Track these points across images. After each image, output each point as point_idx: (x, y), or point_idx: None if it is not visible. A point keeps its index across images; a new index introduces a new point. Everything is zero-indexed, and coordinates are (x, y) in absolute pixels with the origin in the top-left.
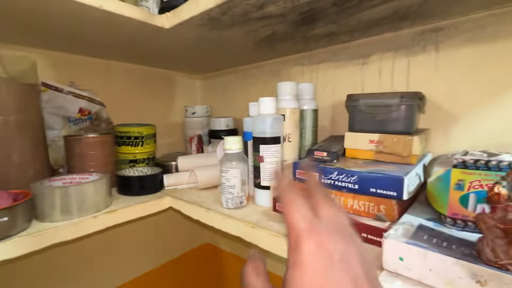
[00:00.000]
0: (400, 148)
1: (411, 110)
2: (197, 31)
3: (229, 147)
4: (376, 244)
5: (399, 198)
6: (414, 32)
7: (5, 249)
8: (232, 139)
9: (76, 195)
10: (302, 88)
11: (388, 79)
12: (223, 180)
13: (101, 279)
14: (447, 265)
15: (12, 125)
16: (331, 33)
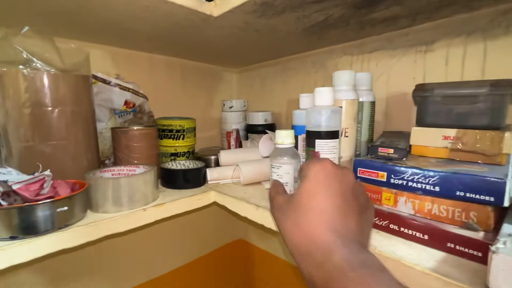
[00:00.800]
0: (487, 146)
1: (503, 101)
2: (246, 19)
3: (282, 141)
4: (467, 256)
5: (498, 205)
6: (496, 11)
7: (65, 238)
8: (284, 132)
9: (127, 186)
10: (359, 78)
11: (457, 68)
12: (274, 176)
13: (137, 271)
14: None
15: (68, 116)
16: (392, 16)
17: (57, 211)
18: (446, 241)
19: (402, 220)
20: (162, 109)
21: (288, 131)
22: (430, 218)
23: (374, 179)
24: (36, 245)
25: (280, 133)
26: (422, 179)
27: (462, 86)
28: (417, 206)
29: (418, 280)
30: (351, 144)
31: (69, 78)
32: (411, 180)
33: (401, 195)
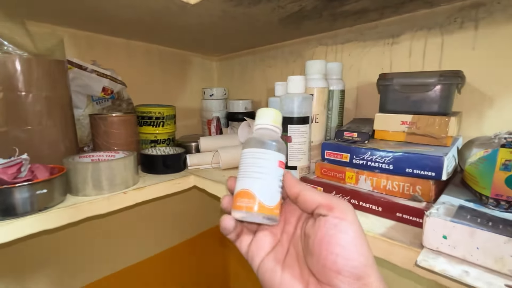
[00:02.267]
0: (435, 129)
1: (449, 90)
2: (223, 7)
3: (273, 120)
4: (412, 223)
5: (438, 179)
6: (452, 8)
7: (46, 220)
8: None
9: (107, 170)
10: (330, 68)
11: (419, 60)
12: (251, 170)
13: (119, 255)
14: (497, 243)
15: (43, 101)
16: (362, 9)
17: (37, 193)
18: (395, 212)
19: (361, 196)
20: (141, 97)
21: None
22: (385, 193)
23: (339, 160)
24: (17, 226)
25: (269, 112)
26: (379, 159)
27: (416, 76)
28: (375, 183)
29: (371, 243)
30: (321, 129)
31: (43, 63)
32: (370, 160)
33: (362, 174)
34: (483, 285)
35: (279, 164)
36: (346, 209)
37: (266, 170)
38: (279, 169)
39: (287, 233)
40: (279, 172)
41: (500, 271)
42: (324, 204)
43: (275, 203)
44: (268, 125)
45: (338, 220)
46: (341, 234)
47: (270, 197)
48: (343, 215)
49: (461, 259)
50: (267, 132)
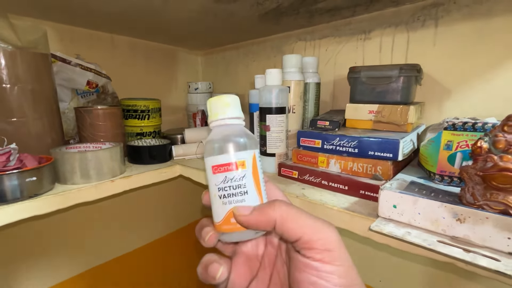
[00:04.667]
0: (397, 117)
1: (409, 82)
2: (202, 3)
3: (231, 114)
4: (373, 199)
5: (395, 159)
6: (415, 7)
7: (35, 206)
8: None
9: (94, 160)
10: (306, 62)
11: (388, 55)
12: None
13: (108, 246)
14: (433, 208)
15: (28, 94)
16: (335, 7)
17: (26, 181)
18: (359, 189)
19: (331, 177)
20: (126, 91)
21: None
22: (351, 174)
23: (312, 146)
24: (7, 212)
25: (209, 105)
26: (346, 144)
27: (380, 69)
28: (343, 165)
29: (335, 216)
30: (298, 119)
31: (27, 55)
32: (339, 145)
33: (332, 158)
34: (420, 241)
35: (212, 170)
36: (328, 244)
37: (208, 182)
38: (214, 176)
39: (269, 255)
40: (215, 180)
41: (435, 231)
42: (303, 239)
43: (219, 217)
44: (212, 122)
45: (320, 264)
46: (324, 284)
47: (214, 212)
48: (326, 255)
49: (407, 223)
50: (215, 132)
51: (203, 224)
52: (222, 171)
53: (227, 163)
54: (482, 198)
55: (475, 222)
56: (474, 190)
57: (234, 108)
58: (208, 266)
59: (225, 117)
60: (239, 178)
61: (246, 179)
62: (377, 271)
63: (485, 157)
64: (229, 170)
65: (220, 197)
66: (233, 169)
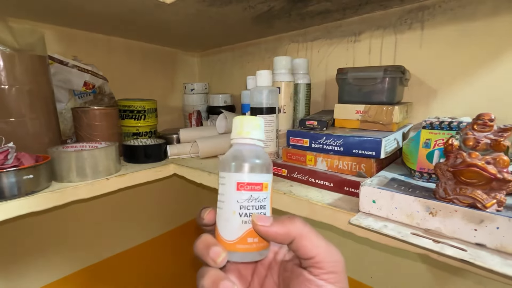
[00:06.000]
0: (383, 117)
1: (394, 83)
2: (197, 6)
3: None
4: (356, 195)
5: (377, 157)
6: (402, 11)
7: (32, 203)
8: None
9: (90, 159)
10: (296, 63)
11: (377, 56)
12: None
13: (105, 244)
14: (408, 203)
15: (26, 95)
16: (325, 10)
17: (23, 178)
18: (344, 186)
19: (317, 174)
20: (123, 92)
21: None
22: (337, 171)
23: (301, 145)
24: (5, 208)
25: (237, 122)
26: (332, 143)
27: (366, 70)
28: (329, 163)
29: (319, 211)
30: (288, 119)
31: (25, 58)
32: (325, 144)
33: (319, 156)
34: (395, 234)
35: (237, 186)
36: (335, 267)
37: (224, 198)
38: (238, 193)
39: (258, 274)
40: (238, 197)
41: (410, 224)
42: (317, 258)
43: (235, 236)
44: (236, 138)
45: (324, 283)
46: None
47: (227, 229)
48: (332, 276)
49: (385, 217)
50: (237, 148)
51: (210, 243)
52: (248, 190)
53: (255, 183)
54: (452, 193)
55: (445, 215)
56: (446, 186)
57: (262, 131)
58: (218, 284)
59: (255, 138)
60: (262, 199)
61: (267, 201)
62: (369, 268)
63: (456, 153)
64: (256, 190)
65: (240, 215)
66: (260, 189)
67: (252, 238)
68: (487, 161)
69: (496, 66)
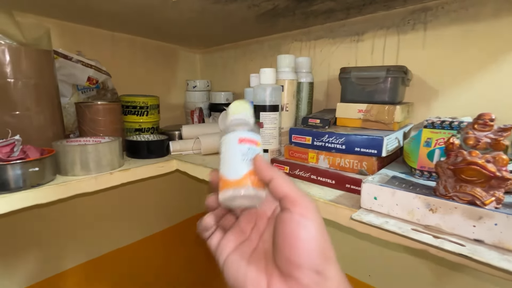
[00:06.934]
0: (384, 116)
1: (396, 82)
2: (202, 4)
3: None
4: (358, 193)
5: (379, 155)
6: (405, 11)
7: (38, 195)
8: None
9: (94, 153)
10: (299, 62)
11: (380, 56)
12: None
13: (106, 239)
14: (409, 199)
15: (31, 88)
16: (329, 9)
17: (29, 171)
18: (345, 183)
19: (319, 172)
20: (126, 87)
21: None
22: (339, 169)
23: (303, 142)
24: (11, 200)
25: (232, 109)
26: (335, 141)
27: (369, 70)
28: (331, 161)
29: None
30: (291, 117)
31: (31, 52)
32: (328, 142)
33: (321, 154)
34: (396, 229)
35: (239, 140)
36: (309, 206)
37: (226, 149)
38: (240, 145)
39: (258, 229)
40: (240, 147)
41: (411, 220)
42: (289, 197)
43: (240, 174)
44: (233, 119)
45: (301, 218)
46: (303, 232)
47: (233, 170)
48: (306, 212)
49: (386, 214)
50: (235, 123)
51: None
52: (247, 143)
53: (252, 139)
54: (452, 190)
55: (445, 212)
56: (446, 183)
57: (250, 111)
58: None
59: (246, 116)
60: (258, 151)
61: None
62: (367, 265)
63: (456, 152)
64: (253, 144)
65: (243, 160)
66: (256, 145)
67: (254, 176)
68: (487, 159)
69: (498, 68)
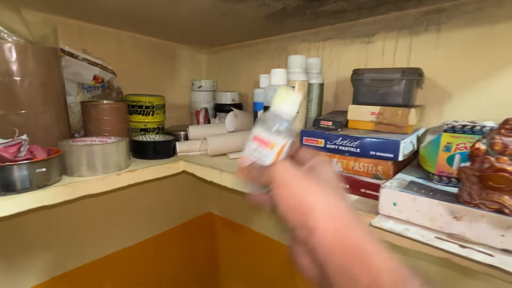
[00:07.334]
0: (398, 119)
1: (411, 85)
2: (211, 2)
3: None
4: (373, 197)
5: (395, 159)
6: (418, 12)
7: (45, 196)
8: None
9: (101, 153)
10: (310, 63)
11: (391, 58)
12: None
13: (109, 240)
14: (431, 206)
15: (38, 87)
16: (341, 10)
17: (36, 171)
18: (360, 188)
19: None
20: (131, 87)
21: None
22: (353, 173)
23: (315, 145)
24: (17, 201)
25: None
26: (348, 144)
27: (383, 71)
28: (344, 165)
29: None
30: (301, 119)
31: (38, 50)
32: (341, 144)
33: (334, 157)
34: (419, 237)
35: (253, 137)
36: (273, 179)
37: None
38: (251, 142)
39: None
40: (250, 144)
41: (433, 228)
42: (271, 181)
43: (239, 166)
44: (270, 113)
45: (274, 191)
46: (276, 200)
47: (240, 160)
48: (274, 186)
49: (406, 220)
50: (266, 113)
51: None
52: (257, 143)
53: (265, 141)
54: (478, 197)
55: (471, 220)
56: (471, 190)
57: (293, 106)
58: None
59: (282, 110)
60: (266, 154)
61: (270, 156)
62: None
63: (482, 158)
64: (263, 145)
65: (248, 155)
66: (266, 146)
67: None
68: None
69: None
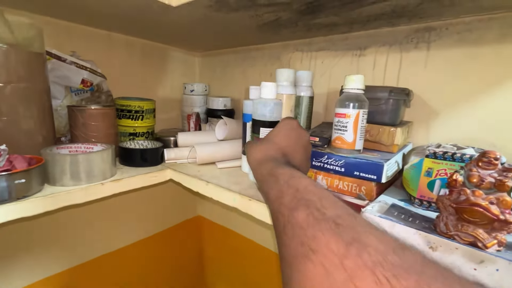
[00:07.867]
0: (384, 138)
1: (398, 104)
2: (203, 11)
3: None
4: None
5: (378, 181)
6: (409, 29)
7: (24, 208)
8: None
9: (85, 163)
10: (300, 75)
11: (381, 72)
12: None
13: (94, 245)
14: (409, 234)
15: (21, 93)
16: (332, 23)
17: (15, 183)
18: None
19: None
20: (121, 89)
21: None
22: (337, 191)
23: None
24: None
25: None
26: (334, 162)
27: (371, 90)
28: (329, 182)
29: None
30: None
31: (22, 54)
32: (326, 162)
33: (319, 174)
34: None
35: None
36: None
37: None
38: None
39: None
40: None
41: None
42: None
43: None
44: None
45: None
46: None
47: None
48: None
49: None
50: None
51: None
52: (337, 116)
53: (341, 113)
54: (454, 229)
55: (446, 251)
56: (447, 220)
57: (358, 82)
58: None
59: (352, 87)
60: (345, 123)
61: (349, 124)
62: None
63: (459, 190)
64: (341, 117)
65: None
66: (344, 117)
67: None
68: (491, 201)
69: (500, 93)
